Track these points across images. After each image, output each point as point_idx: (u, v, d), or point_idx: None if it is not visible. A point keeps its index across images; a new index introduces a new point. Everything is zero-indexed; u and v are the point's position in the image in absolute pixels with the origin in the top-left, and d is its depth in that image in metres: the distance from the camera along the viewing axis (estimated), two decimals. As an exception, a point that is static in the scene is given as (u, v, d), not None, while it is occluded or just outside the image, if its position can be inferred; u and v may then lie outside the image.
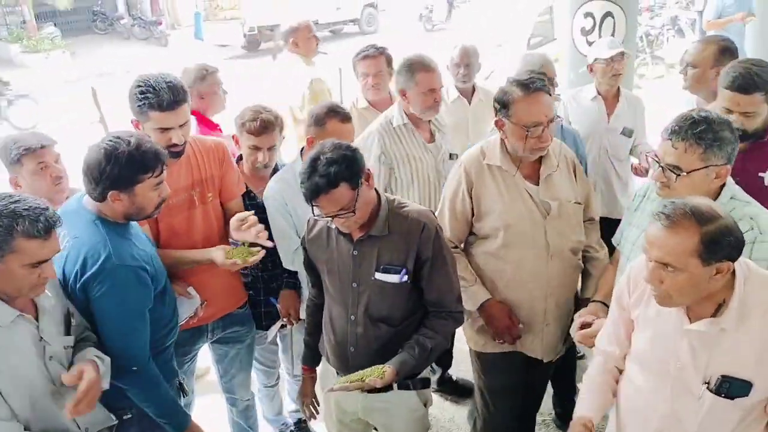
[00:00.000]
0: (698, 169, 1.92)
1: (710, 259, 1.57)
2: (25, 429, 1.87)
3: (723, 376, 1.65)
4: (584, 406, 1.94)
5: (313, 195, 1.99)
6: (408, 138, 3.10)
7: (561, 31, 4.59)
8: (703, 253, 1.56)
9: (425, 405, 2.38)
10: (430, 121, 3.17)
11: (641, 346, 1.83)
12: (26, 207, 1.76)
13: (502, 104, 2.42)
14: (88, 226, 2.10)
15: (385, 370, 2.09)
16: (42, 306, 1.96)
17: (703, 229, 1.56)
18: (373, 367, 2.11)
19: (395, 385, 2.20)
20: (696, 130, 1.90)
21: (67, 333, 2.04)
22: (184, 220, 2.59)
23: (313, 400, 2.54)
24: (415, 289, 2.21)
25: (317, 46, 4.60)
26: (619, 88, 3.58)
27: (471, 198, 2.51)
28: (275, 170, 2.89)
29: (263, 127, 2.69)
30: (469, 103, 3.94)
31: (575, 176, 2.61)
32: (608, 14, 4.34)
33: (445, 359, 3.58)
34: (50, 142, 2.59)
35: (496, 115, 2.47)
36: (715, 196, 1.99)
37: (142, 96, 2.33)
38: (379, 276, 2.16)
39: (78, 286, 2.06)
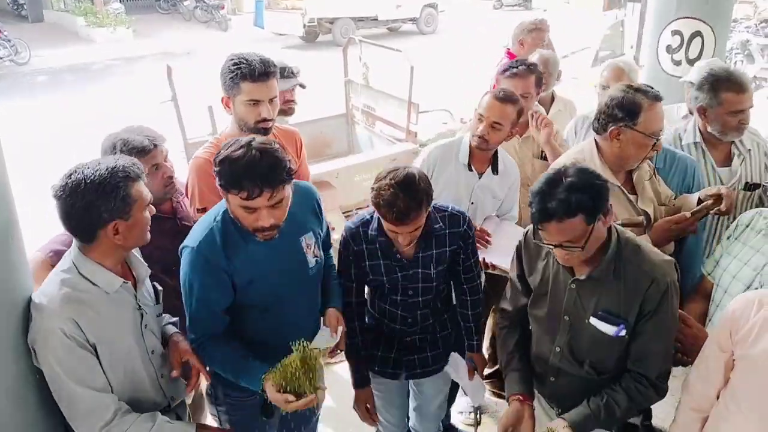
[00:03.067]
0: None
1: None
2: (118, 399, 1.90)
3: None
4: None
5: (542, 218, 1.79)
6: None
7: (645, 46, 4.45)
8: None
9: None
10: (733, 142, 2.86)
11: (748, 389, 1.73)
12: (114, 159, 1.84)
13: (629, 112, 2.30)
14: None
15: None
16: (139, 275, 2.01)
17: None
18: (550, 424, 1.92)
19: None
20: None
21: (157, 302, 2.10)
22: None
23: None
24: None
25: None
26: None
27: None
28: None
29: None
30: (547, 113, 3.84)
31: (657, 181, 2.55)
32: (697, 33, 4.19)
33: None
34: (161, 141, 2.42)
35: (611, 123, 2.35)
36: None
37: (235, 67, 2.36)
38: (594, 322, 1.93)
39: None
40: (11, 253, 1.81)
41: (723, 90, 2.68)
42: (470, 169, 2.81)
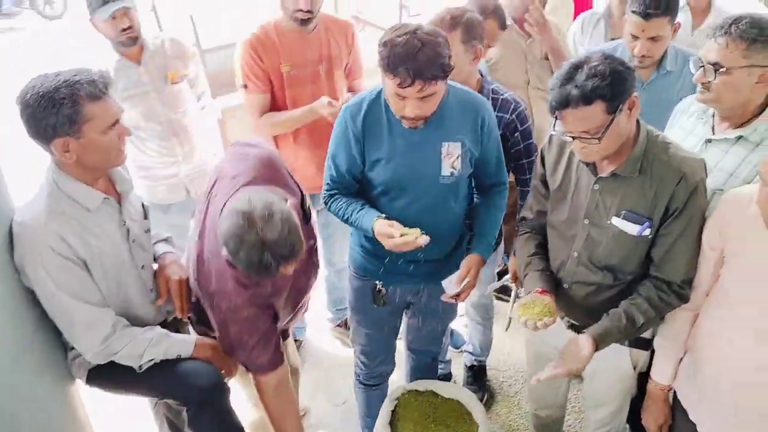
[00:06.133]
0: (740, 67, 1.81)
1: None
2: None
3: None
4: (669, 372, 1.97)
5: (559, 105, 1.70)
6: None
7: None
8: None
9: (635, 368, 2.09)
10: None
11: (737, 286, 1.74)
12: (75, 72, 1.72)
13: None
14: None
15: (584, 350, 1.83)
16: (123, 190, 1.97)
17: None
18: (570, 340, 1.89)
19: None
20: (740, 25, 1.80)
21: (145, 217, 2.07)
22: (308, 93, 2.70)
23: None
24: None
25: None
26: (710, 1, 3.29)
27: None
28: None
29: None
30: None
31: None
32: None
33: None
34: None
35: None
36: (760, 109, 1.90)
37: None
38: (616, 222, 1.85)
39: None
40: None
41: None
42: None
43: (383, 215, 2.05)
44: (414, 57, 1.79)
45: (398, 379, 2.77)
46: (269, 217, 1.66)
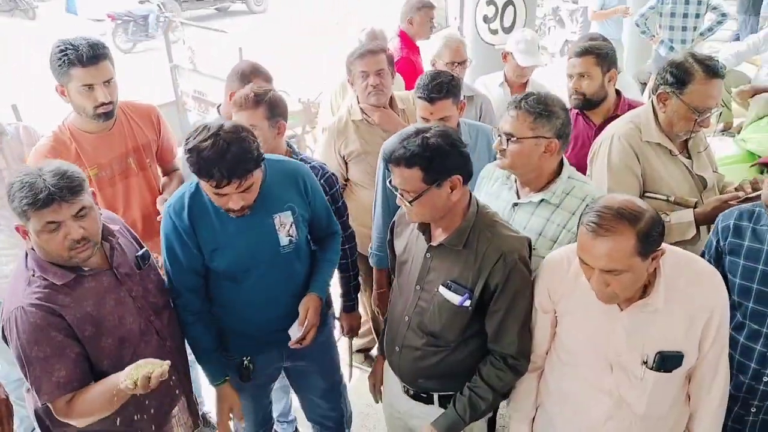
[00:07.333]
0: (528, 138, 2.03)
1: (648, 252, 1.62)
2: None
3: (659, 353, 1.72)
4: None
5: (386, 157, 1.86)
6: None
7: (466, 17, 4.63)
8: (641, 250, 1.60)
9: None
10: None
11: (573, 342, 1.87)
12: None
13: (678, 79, 2.28)
14: None
15: None
16: None
17: (636, 228, 1.59)
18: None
19: (436, 402, 2.10)
20: (528, 101, 2.04)
21: None
22: (122, 189, 2.60)
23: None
24: (478, 318, 1.96)
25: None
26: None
27: (641, 173, 2.40)
28: None
29: None
30: None
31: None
32: (509, 3, 4.43)
33: None
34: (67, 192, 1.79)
35: (661, 86, 2.34)
36: (554, 175, 2.13)
37: (62, 54, 2.32)
38: (442, 291, 1.94)
39: None
40: None
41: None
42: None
43: (228, 377, 2.21)
44: (224, 158, 1.82)
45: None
46: (56, 164, 1.77)
